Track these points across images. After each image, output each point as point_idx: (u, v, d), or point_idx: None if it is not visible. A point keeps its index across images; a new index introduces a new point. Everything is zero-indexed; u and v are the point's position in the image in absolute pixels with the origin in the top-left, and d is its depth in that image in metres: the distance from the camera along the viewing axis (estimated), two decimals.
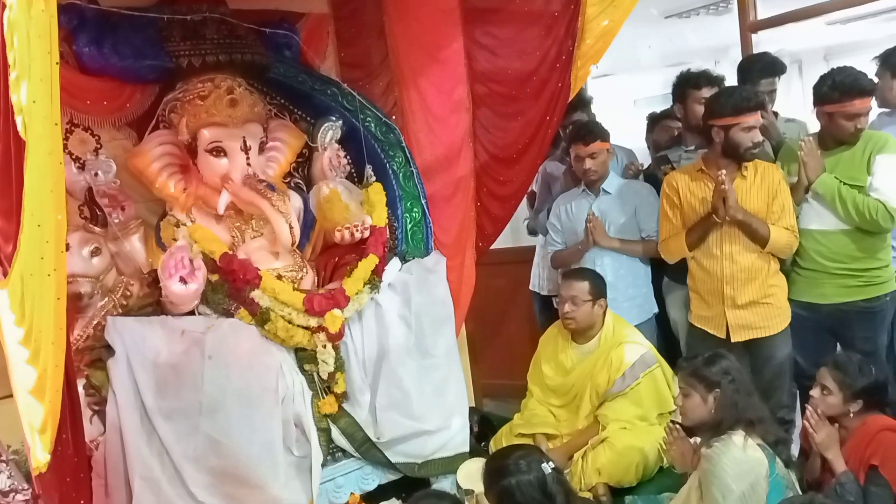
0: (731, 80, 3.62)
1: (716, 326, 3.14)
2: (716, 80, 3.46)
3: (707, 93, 3.36)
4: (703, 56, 5.73)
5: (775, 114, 3.52)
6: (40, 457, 1.88)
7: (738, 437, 2.26)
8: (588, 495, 2.89)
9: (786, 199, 3.04)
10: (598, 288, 3.22)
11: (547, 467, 1.91)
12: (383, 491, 2.96)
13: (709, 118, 3.09)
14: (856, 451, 2.49)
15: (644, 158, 3.99)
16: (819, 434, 2.50)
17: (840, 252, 3.02)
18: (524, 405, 3.41)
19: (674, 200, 3.20)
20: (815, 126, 3.18)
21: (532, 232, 4.24)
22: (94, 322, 2.58)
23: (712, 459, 2.24)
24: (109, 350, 2.51)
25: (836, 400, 2.55)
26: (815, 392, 2.59)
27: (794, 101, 4.95)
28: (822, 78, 3.01)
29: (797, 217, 3.08)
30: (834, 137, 3.03)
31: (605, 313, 3.24)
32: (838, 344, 3.17)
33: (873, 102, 3.05)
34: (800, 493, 2.35)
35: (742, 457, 2.22)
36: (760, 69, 3.48)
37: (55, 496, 1.92)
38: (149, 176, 2.79)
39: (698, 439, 2.54)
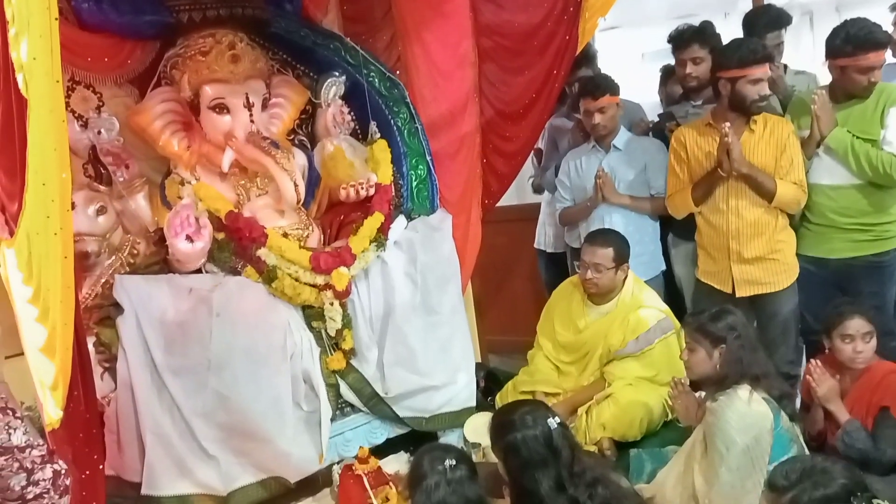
0: (738, 33, 3.55)
1: (721, 281, 3.14)
2: (709, 39, 3.39)
3: (699, 51, 3.32)
4: (712, 8, 5.59)
5: (784, 67, 3.46)
6: (53, 413, 1.91)
7: (743, 391, 2.27)
8: (593, 449, 2.93)
9: (794, 154, 3.01)
10: (623, 253, 3.18)
11: (553, 422, 1.94)
12: (391, 444, 3.01)
13: (716, 70, 3.06)
14: (861, 397, 2.51)
15: (653, 113, 3.94)
16: (821, 387, 2.52)
17: (850, 207, 3.00)
18: (531, 357, 3.43)
19: (681, 155, 3.18)
20: (825, 78, 3.13)
21: (537, 190, 4.21)
22: (102, 280, 2.59)
23: (717, 413, 2.26)
24: (118, 308, 2.52)
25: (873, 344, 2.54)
26: (858, 344, 2.56)
27: (804, 54, 4.85)
28: (835, 30, 2.94)
29: (808, 171, 3.05)
30: (846, 91, 2.98)
31: (626, 277, 3.22)
32: None
33: (888, 55, 2.99)
34: (804, 446, 2.38)
35: (746, 410, 2.24)
36: (766, 23, 3.40)
37: (68, 451, 1.95)
38: (152, 134, 2.77)
39: (703, 394, 2.56)
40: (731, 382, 2.30)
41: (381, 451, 2.94)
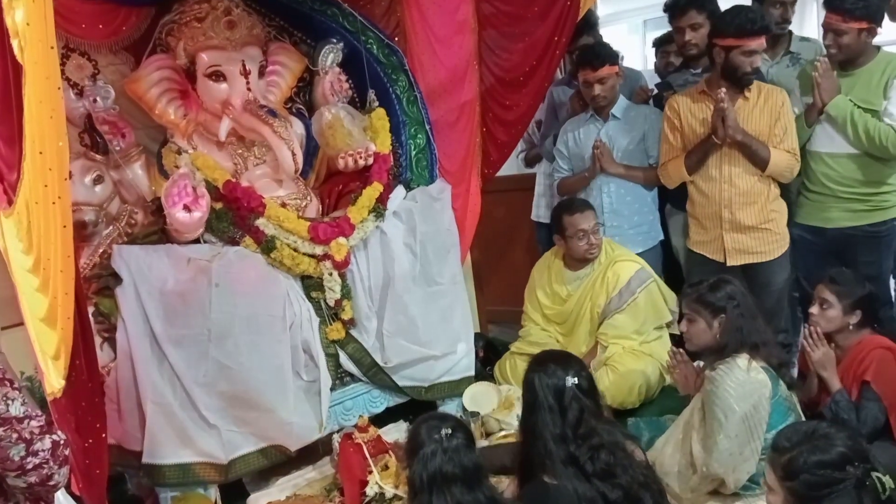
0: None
1: (714, 251, 3.15)
2: (706, 4, 3.33)
3: (697, 17, 3.29)
4: None
5: (790, 33, 3.42)
6: (55, 382, 1.91)
7: (742, 359, 2.29)
8: None
9: (788, 122, 2.99)
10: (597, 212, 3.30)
11: (570, 380, 1.95)
12: (391, 413, 3.03)
13: (712, 37, 3.03)
14: (850, 368, 2.53)
15: (654, 81, 3.90)
16: (816, 353, 2.54)
17: (848, 176, 3.00)
18: (524, 331, 3.45)
19: (674, 123, 3.16)
20: None
21: (529, 163, 4.17)
22: (100, 250, 2.59)
23: (716, 381, 2.28)
24: (116, 278, 2.51)
25: (835, 312, 2.57)
26: (814, 309, 2.61)
27: (809, 20, 4.80)
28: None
29: (809, 139, 3.04)
30: (848, 58, 2.95)
31: None
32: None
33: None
34: (801, 414, 2.40)
35: (745, 378, 2.25)
36: None
37: (71, 420, 1.97)
38: (148, 102, 2.74)
39: (701, 363, 2.57)
40: (731, 351, 2.31)
41: (380, 419, 2.96)
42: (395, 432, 2.98)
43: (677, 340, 2.88)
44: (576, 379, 1.96)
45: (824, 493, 1.57)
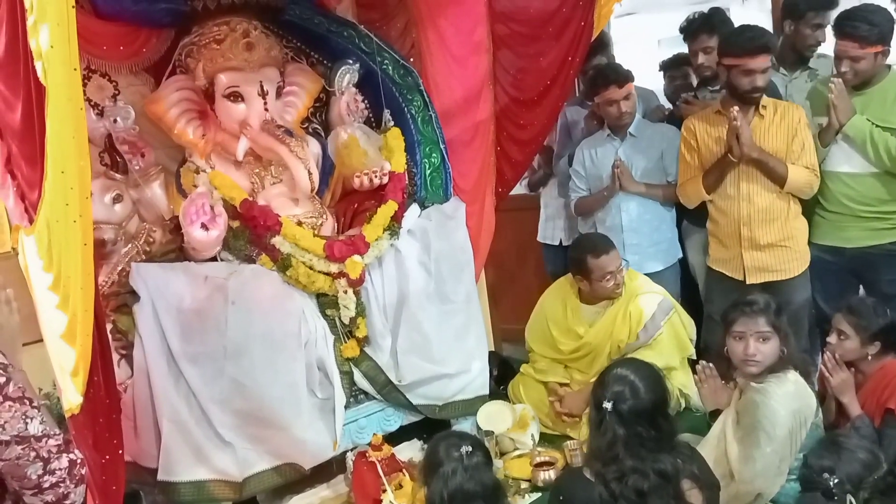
0: (755, 19, 3.50)
1: (733, 269, 3.13)
2: (717, 27, 3.34)
3: (708, 41, 3.32)
4: None
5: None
6: (73, 399, 1.92)
7: (793, 375, 2.30)
8: None
9: (805, 138, 2.99)
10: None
11: (606, 404, 1.93)
12: (405, 432, 3.02)
13: (719, 56, 3.07)
14: (872, 394, 2.50)
15: (665, 100, 3.90)
16: (835, 378, 2.51)
17: (868, 195, 2.98)
18: (528, 367, 3.38)
19: (691, 143, 3.17)
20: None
21: (532, 188, 4.15)
22: (119, 268, 2.60)
23: (767, 392, 2.26)
24: (134, 295, 2.54)
25: (853, 344, 2.55)
26: (831, 338, 2.59)
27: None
28: (843, 16, 2.90)
29: (824, 159, 3.03)
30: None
31: None
32: (861, 288, 3.14)
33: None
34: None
35: (796, 393, 2.26)
36: (808, 2, 3.27)
37: (89, 436, 1.97)
38: (167, 122, 2.77)
39: (736, 379, 2.53)
40: (781, 368, 2.32)
41: (394, 438, 2.95)
42: (410, 451, 2.98)
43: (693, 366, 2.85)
44: (610, 404, 1.92)
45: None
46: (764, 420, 2.23)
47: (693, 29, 3.39)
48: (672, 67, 3.83)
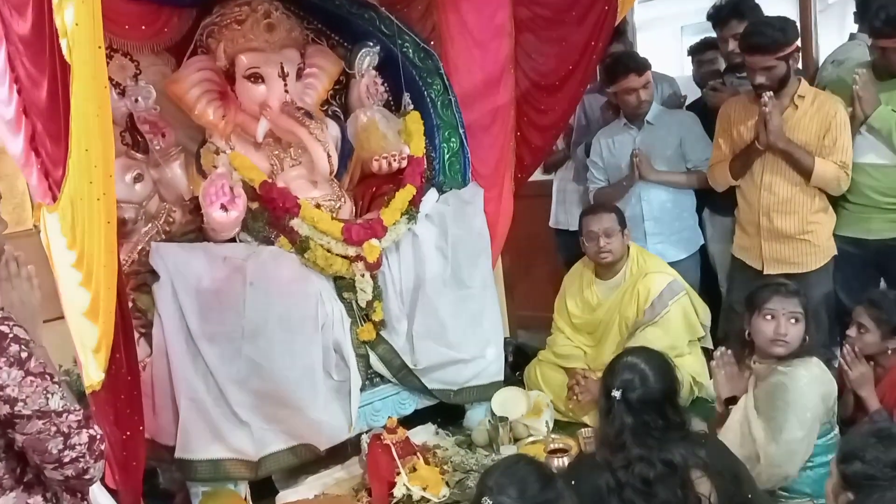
0: (782, 6, 3.44)
1: (752, 258, 3.12)
2: (747, 13, 3.28)
3: (738, 27, 3.24)
4: None
5: (850, 35, 3.34)
6: (94, 375, 1.95)
7: (815, 359, 2.31)
8: None
9: (840, 134, 2.92)
10: (622, 216, 3.17)
11: (615, 392, 1.91)
12: (419, 415, 3.04)
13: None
14: (892, 389, 2.47)
15: (686, 87, 3.85)
16: (854, 372, 2.49)
17: (893, 186, 2.93)
18: (551, 340, 3.39)
19: (725, 127, 3.14)
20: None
21: (547, 169, 4.11)
22: (139, 247, 2.63)
23: (795, 375, 2.25)
24: (154, 275, 2.55)
25: (873, 338, 2.52)
26: (851, 331, 2.57)
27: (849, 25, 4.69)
28: (875, 10, 2.84)
29: None
30: (888, 70, 2.90)
31: (629, 245, 3.19)
32: (882, 280, 3.11)
33: None
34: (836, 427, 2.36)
35: (821, 376, 2.27)
36: None
37: (110, 412, 2.00)
38: (187, 102, 2.78)
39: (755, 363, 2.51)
40: (805, 353, 2.33)
41: (409, 421, 2.97)
42: (424, 434, 3.00)
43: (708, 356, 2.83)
44: (619, 392, 1.90)
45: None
46: (794, 403, 2.22)
47: (723, 16, 3.34)
48: (700, 51, 3.78)
